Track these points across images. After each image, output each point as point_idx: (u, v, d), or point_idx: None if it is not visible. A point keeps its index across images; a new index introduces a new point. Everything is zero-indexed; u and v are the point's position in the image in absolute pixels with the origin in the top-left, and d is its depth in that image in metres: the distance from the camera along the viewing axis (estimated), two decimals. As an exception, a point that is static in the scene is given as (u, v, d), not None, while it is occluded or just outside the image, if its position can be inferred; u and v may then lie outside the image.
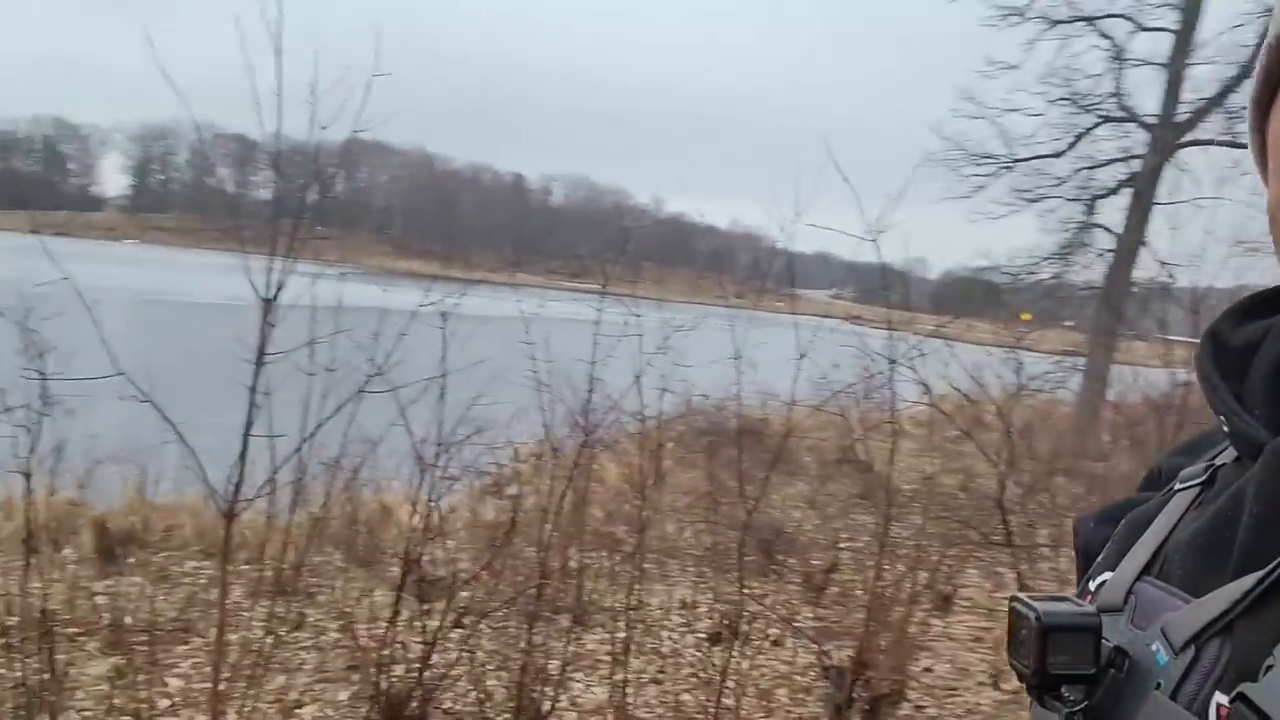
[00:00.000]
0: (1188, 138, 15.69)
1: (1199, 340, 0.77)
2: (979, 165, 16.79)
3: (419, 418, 4.60)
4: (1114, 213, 16.20)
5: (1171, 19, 15.51)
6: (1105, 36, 15.98)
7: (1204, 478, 0.74)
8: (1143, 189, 15.68)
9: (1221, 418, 0.70)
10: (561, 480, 4.75)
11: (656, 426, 5.97)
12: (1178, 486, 0.76)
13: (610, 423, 5.70)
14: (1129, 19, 15.75)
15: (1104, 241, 16.29)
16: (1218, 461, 0.74)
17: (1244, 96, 0.70)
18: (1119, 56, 15.98)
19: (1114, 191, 16.27)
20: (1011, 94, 16.41)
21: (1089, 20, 15.95)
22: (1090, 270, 16.61)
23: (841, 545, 7.02)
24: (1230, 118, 15.19)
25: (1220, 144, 15.50)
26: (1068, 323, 16.36)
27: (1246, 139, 0.72)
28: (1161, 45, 15.59)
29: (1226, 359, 0.74)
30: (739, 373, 5.32)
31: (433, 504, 4.55)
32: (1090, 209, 16.44)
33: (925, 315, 7.29)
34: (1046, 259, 16.60)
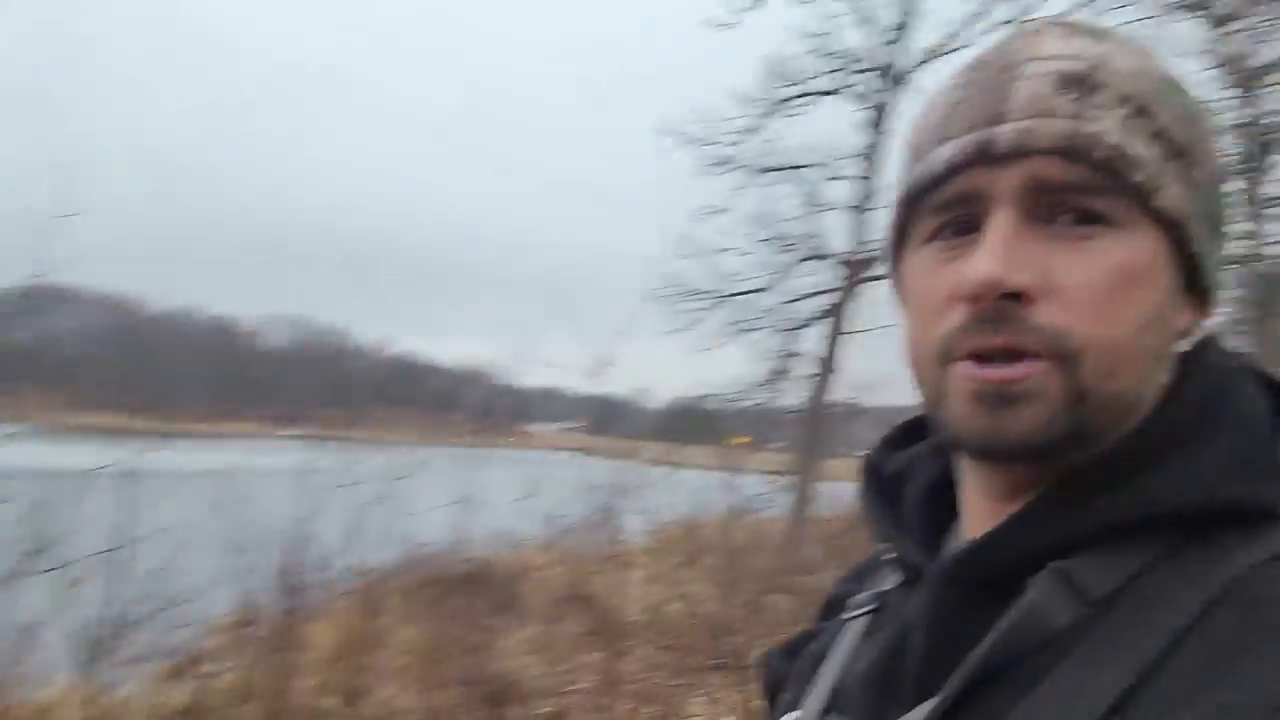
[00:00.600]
0: (871, 273, 17.68)
1: (859, 470, 0.80)
2: (695, 300, 18.03)
3: (92, 596, 4.04)
4: (813, 341, 17.79)
5: (855, 168, 17.66)
6: (803, 184, 17.91)
7: (873, 606, 0.75)
8: (836, 319, 17.38)
9: (887, 545, 0.73)
10: (264, 653, 4.32)
11: (376, 581, 5.62)
12: (849, 616, 0.77)
13: (323, 582, 5.29)
14: (821, 168, 17.78)
15: (806, 368, 17.78)
16: (885, 587, 0.76)
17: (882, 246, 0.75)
18: (814, 202, 17.90)
19: (812, 322, 17.91)
20: (723, 235, 17.85)
21: (787, 169, 17.85)
22: (795, 394, 18.00)
23: (570, 689, 6.86)
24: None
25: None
26: (777, 444, 17.52)
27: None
28: (849, 191, 17.66)
29: (883, 486, 0.77)
30: (465, 515, 5.17)
31: (105, 694, 3.97)
32: (793, 338, 17.97)
33: (651, 444, 7.51)
34: (757, 385, 17.83)
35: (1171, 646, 0.53)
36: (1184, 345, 0.66)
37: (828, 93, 17.61)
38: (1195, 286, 0.65)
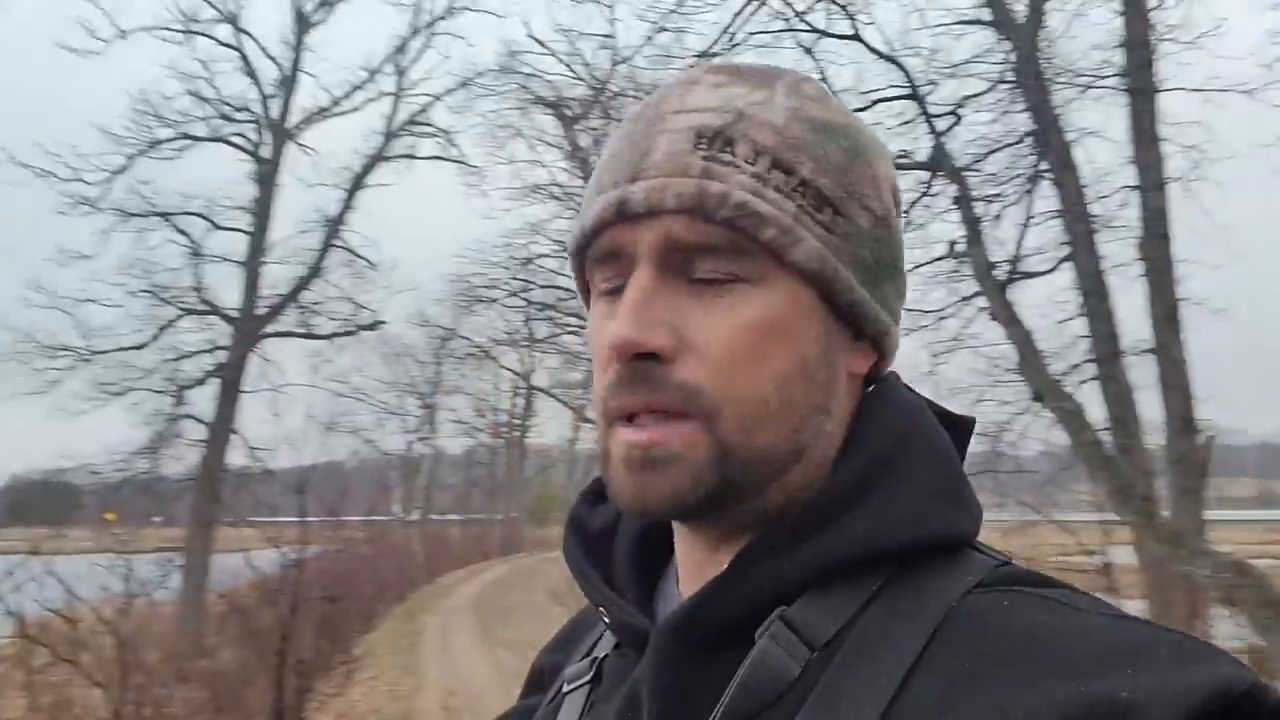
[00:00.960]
0: (269, 329, 17.00)
1: (563, 527, 0.75)
2: (54, 358, 15.60)
3: None
4: (205, 402, 16.51)
5: (244, 221, 16.81)
6: (182, 232, 16.52)
7: (590, 675, 0.70)
8: (230, 378, 16.36)
9: (601, 609, 0.68)
10: None
11: None
12: (566, 689, 0.72)
13: None
14: (204, 217, 16.59)
15: (196, 431, 16.43)
16: (599, 653, 0.72)
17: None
18: (197, 252, 16.63)
19: (202, 381, 16.62)
20: (88, 284, 15.73)
21: (164, 215, 16.35)
22: (184, 461, 16.54)
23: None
24: (304, 311, 17.00)
25: (298, 335, 17.22)
26: (156, 518, 15.86)
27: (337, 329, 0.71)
28: (239, 244, 16.74)
29: (591, 544, 0.73)
30: None
31: None
32: (180, 399, 16.48)
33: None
34: (138, 453, 16.01)
35: (902, 686, 0.54)
36: (869, 387, 0.67)
37: (207, 139, 16.78)
38: (863, 333, 0.64)
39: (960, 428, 0.68)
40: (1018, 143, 8.56)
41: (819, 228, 0.61)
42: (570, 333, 23.28)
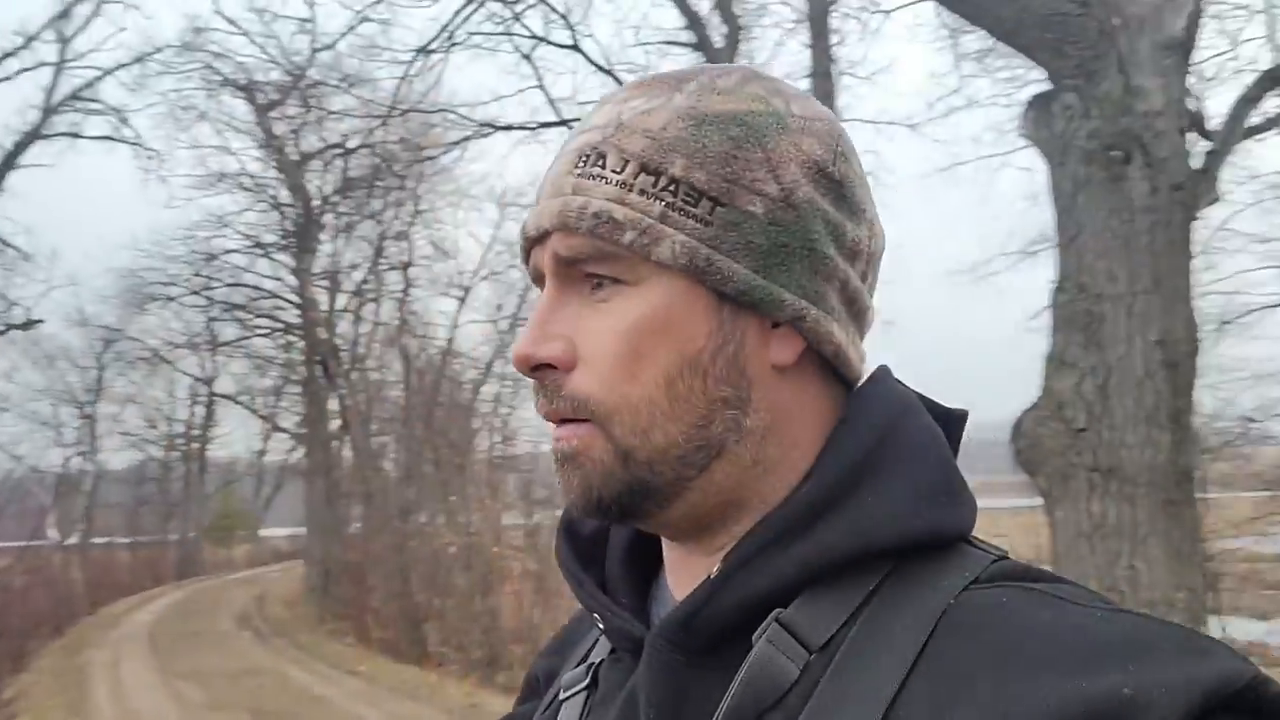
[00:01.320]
0: None
1: (557, 531, 0.74)
2: None
3: None
4: None
5: None
6: None
7: (587, 681, 0.70)
8: None
9: (596, 615, 0.68)
10: None
11: None
12: (563, 695, 0.72)
13: None
14: None
15: None
16: (594, 659, 0.72)
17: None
18: None
19: None
20: None
21: None
22: None
23: None
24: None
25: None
26: None
27: None
28: None
29: (584, 549, 0.72)
30: None
31: None
32: None
33: None
34: None
35: (902, 686, 0.54)
36: (857, 384, 0.67)
37: None
38: (775, 320, 0.63)
39: (952, 421, 0.68)
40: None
41: (691, 221, 0.62)
42: (262, 335, 21.85)
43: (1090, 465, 3.48)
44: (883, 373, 0.68)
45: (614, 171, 0.63)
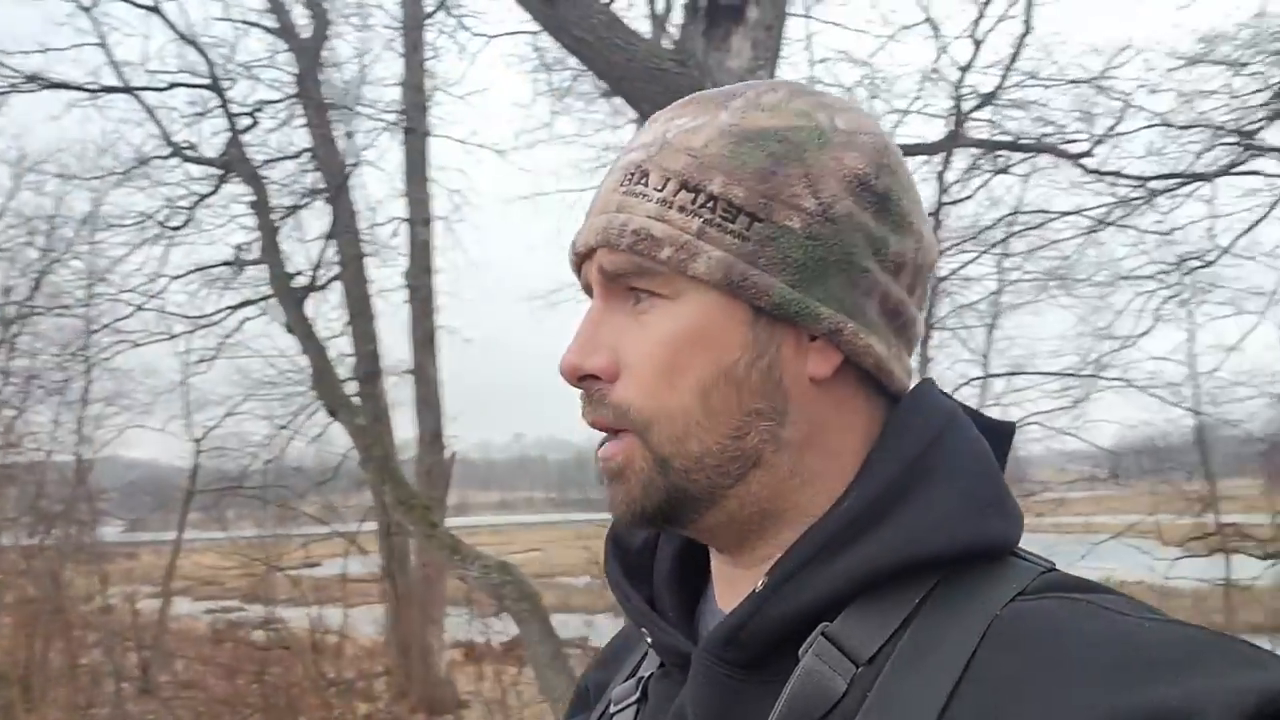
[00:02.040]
0: None
1: (604, 543, 0.74)
2: None
3: None
4: None
5: None
6: None
7: (637, 695, 0.70)
8: None
9: (643, 630, 0.68)
10: None
11: None
12: (613, 709, 0.72)
13: None
14: None
15: None
16: (644, 672, 0.72)
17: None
18: None
19: None
20: None
21: None
22: None
23: None
24: None
25: None
26: None
27: None
28: None
29: (631, 562, 0.73)
30: None
31: None
32: None
33: None
34: None
35: (950, 698, 0.53)
36: (909, 391, 0.67)
37: None
38: (812, 333, 0.64)
39: (998, 433, 0.68)
40: (297, 156, 8.56)
41: (728, 237, 0.63)
42: None
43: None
44: (927, 385, 0.68)
45: (655, 189, 0.65)
